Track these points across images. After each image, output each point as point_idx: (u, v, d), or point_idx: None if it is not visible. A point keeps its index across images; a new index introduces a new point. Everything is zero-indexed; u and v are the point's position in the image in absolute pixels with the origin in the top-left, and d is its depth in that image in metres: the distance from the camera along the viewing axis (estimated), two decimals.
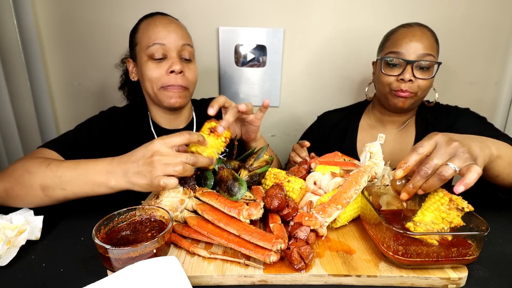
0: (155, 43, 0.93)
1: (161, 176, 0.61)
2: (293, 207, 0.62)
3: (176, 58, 0.95)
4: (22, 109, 1.49)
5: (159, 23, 0.95)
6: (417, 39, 0.98)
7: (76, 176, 0.69)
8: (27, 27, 1.42)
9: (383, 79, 1.03)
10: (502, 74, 1.56)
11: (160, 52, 0.94)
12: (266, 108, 0.89)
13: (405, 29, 1.02)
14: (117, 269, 0.47)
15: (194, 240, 0.59)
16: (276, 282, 0.51)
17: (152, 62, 0.95)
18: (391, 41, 1.04)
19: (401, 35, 1.02)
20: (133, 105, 1.12)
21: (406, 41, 0.99)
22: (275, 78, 1.57)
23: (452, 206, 0.55)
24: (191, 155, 0.64)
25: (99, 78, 1.60)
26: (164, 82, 0.95)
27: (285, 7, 1.47)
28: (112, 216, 0.56)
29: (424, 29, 1.01)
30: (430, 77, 0.99)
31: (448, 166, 0.53)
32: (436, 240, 0.51)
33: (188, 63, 0.99)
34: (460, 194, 0.57)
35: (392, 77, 1.01)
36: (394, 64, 1.00)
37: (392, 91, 1.02)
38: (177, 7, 1.47)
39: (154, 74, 0.95)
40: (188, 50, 0.98)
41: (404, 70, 0.98)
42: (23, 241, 0.59)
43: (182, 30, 0.99)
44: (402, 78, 0.98)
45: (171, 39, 0.94)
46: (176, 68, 0.94)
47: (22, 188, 0.71)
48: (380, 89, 1.08)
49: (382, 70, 1.03)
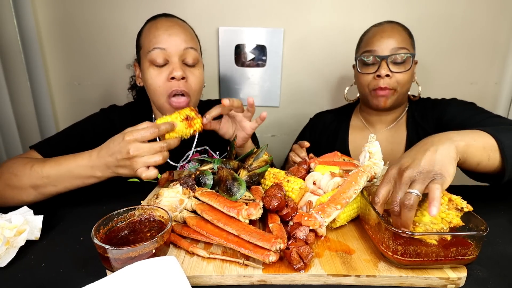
0: (155, 47, 0.89)
1: (142, 168, 0.67)
2: (292, 207, 0.62)
3: (178, 63, 0.90)
4: (22, 109, 1.49)
5: (160, 26, 0.91)
6: (388, 34, 1.00)
7: (62, 173, 0.71)
8: (27, 27, 1.43)
9: (361, 79, 1.05)
10: (502, 74, 1.56)
11: (161, 57, 0.89)
12: (263, 120, 0.89)
13: (376, 27, 1.04)
14: (116, 269, 0.47)
15: (193, 240, 0.59)
16: (275, 282, 0.51)
17: (154, 69, 0.90)
18: (364, 41, 1.06)
19: (372, 33, 1.04)
20: (135, 105, 1.10)
21: (377, 38, 1.01)
22: (275, 78, 1.57)
23: (451, 206, 0.55)
24: (163, 143, 0.70)
25: (99, 78, 1.60)
26: (166, 89, 0.91)
27: (285, 7, 1.47)
28: (111, 216, 0.56)
29: (394, 25, 1.03)
30: (406, 69, 0.99)
31: (410, 194, 0.53)
32: (435, 240, 0.51)
33: (191, 68, 0.93)
34: (459, 194, 0.57)
35: (369, 75, 1.02)
36: (370, 62, 1.01)
37: (372, 92, 1.03)
38: (177, 7, 1.47)
39: (156, 81, 0.90)
40: (191, 54, 0.92)
41: (380, 66, 0.99)
42: (22, 242, 0.59)
43: (185, 33, 0.93)
44: (379, 74, 0.99)
45: (172, 43, 0.89)
46: (176, 74, 0.88)
47: (14, 190, 0.73)
48: (360, 91, 1.10)
49: (359, 70, 1.05)
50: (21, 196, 0.73)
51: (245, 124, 0.90)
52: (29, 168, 0.73)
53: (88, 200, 0.80)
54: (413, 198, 0.52)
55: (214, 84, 1.60)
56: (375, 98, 1.04)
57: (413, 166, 0.55)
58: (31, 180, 0.72)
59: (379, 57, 0.99)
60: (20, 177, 0.72)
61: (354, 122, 1.22)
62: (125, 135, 0.67)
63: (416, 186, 0.53)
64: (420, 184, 0.53)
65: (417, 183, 0.53)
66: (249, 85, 1.59)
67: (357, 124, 1.21)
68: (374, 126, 1.16)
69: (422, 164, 0.55)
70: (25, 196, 0.73)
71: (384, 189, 0.58)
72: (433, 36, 1.49)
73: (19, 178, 0.72)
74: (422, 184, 0.53)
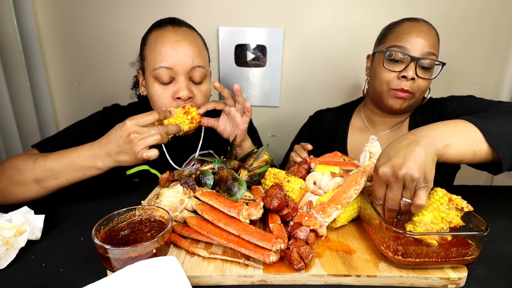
0: (161, 66, 0.84)
1: (143, 149, 0.71)
2: (292, 207, 0.62)
3: (184, 82, 0.86)
4: (22, 109, 1.49)
5: (167, 41, 0.85)
6: (424, 35, 0.91)
7: (65, 165, 0.73)
8: (27, 27, 1.43)
9: (383, 75, 0.95)
10: (502, 74, 1.56)
11: (166, 75, 0.85)
12: (249, 110, 0.89)
13: (411, 23, 0.94)
14: (116, 269, 0.47)
15: (193, 240, 0.59)
16: (275, 282, 0.51)
17: (159, 85, 0.87)
18: (395, 34, 0.95)
19: (406, 28, 0.93)
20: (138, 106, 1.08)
21: (412, 36, 0.91)
22: (275, 78, 1.57)
23: (452, 206, 0.55)
24: (162, 126, 0.76)
25: (99, 78, 1.60)
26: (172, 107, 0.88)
27: (285, 7, 1.47)
28: (112, 216, 0.56)
29: (430, 26, 0.95)
30: (431, 77, 0.94)
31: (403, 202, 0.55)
32: (435, 240, 0.51)
33: (198, 85, 0.90)
34: (459, 194, 0.57)
35: (393, 73, 0.93)
36: (397, 59, 0.92)
37: (391, 91, 0.95)
38: (178, 8, 1.47)
39: (161, 99, 0.88)
40: (199, 72, 0.88)
41: (408, 66, 0.90)
42: (22, 243, 0.58)
43: (193, 49, 0.87)
44: (405, 75, 0.91)
45: (179, 61, 0.84)
46: (183, 95, 0.85)
47: (16, 185, 0.73)
48: (376, 86, 0.99)
49: (384, 65, 0.94)
50: (23, 191, 0.74)
51: (238, 120, 0.91)
52: (32, 162, 0.74)
53: (88, 200, 0.80)
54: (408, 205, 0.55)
55: None
56: (391, 99, 0.95)
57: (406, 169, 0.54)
58: (34, 173, 0.73)
59: (410, 57, 0.90)
60: (23, 172, 0.73)
61: (355, 122, 1.16)
62: (127, 120, 0.72)
63: (407, 195, 0.55)
64: (410, 192, 0.55)
65: (408, 190, 0.54)
66: (249, 85, 1.59)
67: (357, 124, 1.16)
68: (376, 127, 1.11)
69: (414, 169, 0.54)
70: (27, 192, 0.74)
71: (381, 190, 0.57)
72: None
73: (22, 172, 0.73)
74: (412, 192, 0.55)
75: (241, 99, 0.88)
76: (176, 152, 1.01)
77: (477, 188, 0.91)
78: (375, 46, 1.04)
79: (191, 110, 0.85)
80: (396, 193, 0.55)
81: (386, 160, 0.57)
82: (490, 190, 0.91)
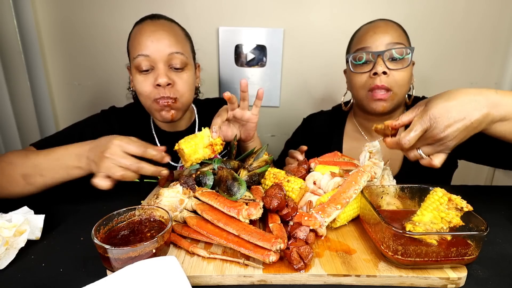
0: (139, 54, 0.88)
1: (101, 174, 0.68)
2: (292, 207, 0.62)
3: (163, 69, 0.88)
4: (22, 109, 1.49)
5: (144, 31, 0.89)
6: (382, 30, 0.92)
7: (52, 162, 0.73)
8: (27, 27, 1.43)
9: (355, 80, 0.95)
10: (502, 74, 1.56)
11: (145, 63, 0.88)
12: (261, 99, 0.87)
13: (368, 25, 0.98)
14: (116, 269, 0.47)
15: (193, 240, 0.59)
16: (275, 282, 0.51)
17: (140, 75, 0.90)
18: (356, 39, 0.97)
19: (364, 30, 0.96)
20: (134, 107, 1.10)
21: (370, 34, 0.92)
22: (275, 78, 1.57)
23: (451, 206, 0.55)
24: (136, 162, 0.69)
25: (99, 78, 1.60)
26: (153, 96, 0.90)
27: (285, 7, 1.47)
28: (112, 216, 0.56)
29: (388, 21, 0.96)
30: (404, 66, 0.90)
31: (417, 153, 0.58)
32: (435, 240, 0.51)
33: (179, 72, 0.92)
34: (459, 194, 0.57)
35: (364, 75, 0.93)
36: (364, 61, 0.92)
37: (368, 93, 0.93)
38: (177, 8, 1.47)
39: (142, 88, 0.90)
40: (177, 58, 0.89)
41: (376, 63, 0.89)
42: (22, 243, 0.58)
43: (170, 37, 0.90)
44: (375, 71, 0.89)
45: (156, 49, 0.87)
46: (161, 81, 0.87)
47: (4, 178, 0.75)
48: (356, 95, 0.99)
49: (352, 69, 0.95)
50: (10, 185, 0.75)
51: (247, 116, 0.89)
52: (24, 156, 0.75)
53: (88, 200, 0.80)
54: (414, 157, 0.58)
55: (214, 84, 1.60)
56: (372, 102, 0.93)
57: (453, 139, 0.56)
58: (23, 168, 0.74)
59: (375, 53, 0.89)
60: (14, 165, 0.75)
61: (349, 128, 1.13)
62: (116, 137, 0.70)
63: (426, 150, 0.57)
64: (431, 150, 0.57)
65: (431, 147, 0.57)
66: (249, 85, 1.58)
67: (352, 129, 1.12)
68: (370, 132, 1.07)
69: (456, 140, 0.56)
70: (14, 186, 0.75)
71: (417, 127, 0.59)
72: (433, 35, 1.49)
73: (13, 166, 0.75)
74: (432, 151, 0.57)
75: (246, 95, 0.87)
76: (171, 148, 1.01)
77: (477, 188, 0.91)
78: (346, 59, 1.03)
79: (215, 142, 0.82)
80: (422, 140, 0.57)
81: (445, 111, 0.57)
82: (490, 190, 0.91)
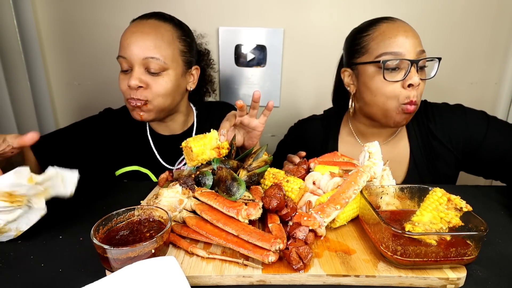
0: (119, 55, 0.92)
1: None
2: (292, 207, 0.62)
3: (137, 71, 0.89)
4: (22, 109, 1.49)
5: (126, 33, 0.92)
6: (412, 34, 0.82)
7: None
8: (27, 27, 1.43)
9: (386, 89, 0.83)
10: (502, 74, 1.56)
11: (124, 64, 0.91)
12: (270, 110, 0.85)
13: (390, 24, 0.85)
14: (115, 269, 0.47)
15: (192, 240, 0.59)
16: (274, 282, 0.51)
17: (121, 73, 0.94)
18: (379, 40, 0.85)
19: (393, 32, 0.83)
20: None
21: (400, 38, 0.82)
22: (275, 78, 1.57)
23: (451, 206, 0.55)
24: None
25: (99, 78, 1.60)
26: (126, 95, 0.93)
27: (285, 7, 1.47)
28: (111, 216, 0.56)
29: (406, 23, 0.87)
30: (431, 77, 0.85)
31: None
32: (434, 240, 0.51)
33: (155, 77, 0.91)
34: (459, 194, 0.57)
35: (397, 84, 0.82)
36: (392, 67, 0.82)
37: (400, 106, 0.83)
38: (177, 7, 1.47)
39: (121, 86, 0.93)
40: (152, 63, 0.89)
41: (409, 72, 0.80)
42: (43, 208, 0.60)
43: (149, 41, 0.89)
44: (411, 83, 0.80)
45: (132, 52, 0.88)
46: (131, 83, 0.88)
47: None
48: (379, 103, 0.86)
49: (385, 77, 0.82)
50: None
51: (254, 124, 0.87)
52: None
53: (88, 200, 0.80)
54: None
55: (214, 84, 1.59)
56: (400, 115, 0.83)
57: None
58: None
59: (411, 61, 0.79)
60: None
61: (343, 133, 1.05)
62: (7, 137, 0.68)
63: None
64: None
65: None
66: (249, 85, 1.59)
67: (346, 135, 1.06)
68: (365, 137, 1.01)
69: None
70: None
71: None
72: (433, 35, 1.49)
73: None
74: None
75: (257, 105, 0.85)
76: (167, 151, 1.01)
77: (477, 188, 0.91)
78: (351, 57, 0.93)
79: (222, 145, 0.80)
80: None
81: None
82: (490, 190, 0.91)
